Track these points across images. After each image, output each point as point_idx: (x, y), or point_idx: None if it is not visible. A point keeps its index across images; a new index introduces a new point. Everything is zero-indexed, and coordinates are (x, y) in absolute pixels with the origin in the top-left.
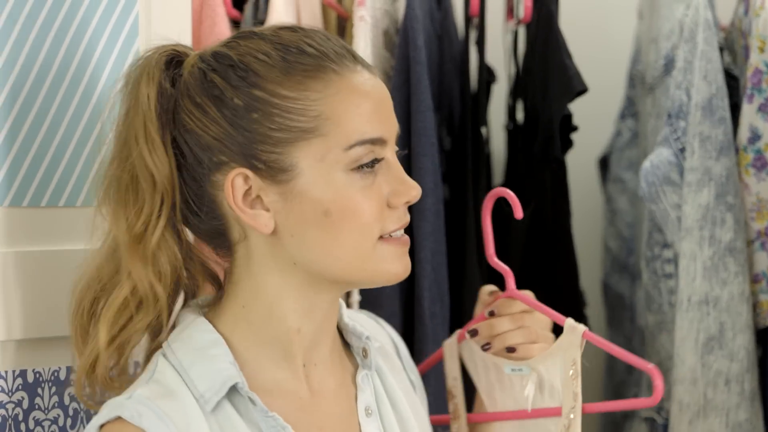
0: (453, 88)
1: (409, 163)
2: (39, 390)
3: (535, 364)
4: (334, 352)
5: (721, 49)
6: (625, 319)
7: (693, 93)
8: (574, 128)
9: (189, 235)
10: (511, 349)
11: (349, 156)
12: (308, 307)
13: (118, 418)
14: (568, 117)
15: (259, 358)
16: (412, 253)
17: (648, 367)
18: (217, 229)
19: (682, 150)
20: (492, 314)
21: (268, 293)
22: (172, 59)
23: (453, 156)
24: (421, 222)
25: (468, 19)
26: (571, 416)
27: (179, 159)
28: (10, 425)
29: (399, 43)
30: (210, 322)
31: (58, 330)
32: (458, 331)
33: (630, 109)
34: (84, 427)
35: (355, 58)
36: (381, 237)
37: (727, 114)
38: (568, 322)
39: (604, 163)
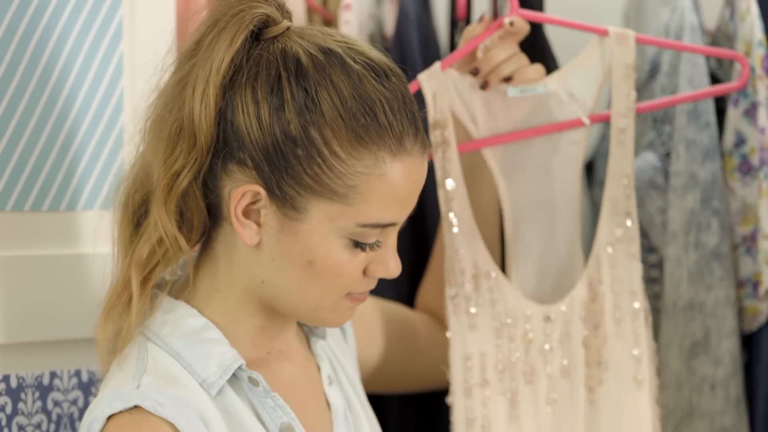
0: None
1: None
2: (22, 395)
3: (551, 80)
4: (293, 330)
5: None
6: None
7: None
8: None
9: None
10: (507, 79)
11: (357, 231)
12: (270, 312)
13: (136, 408)
14: None
15: (234, 343)
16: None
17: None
18: (212, 202)
19: (668, 154)
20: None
21: (238, 288)
22: (262, 27)
23: None
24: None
25: (453, 23)
26: (625, 123)
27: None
28: None
29: (393, 47)
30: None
31: (42, 335)
32: (437, 63)
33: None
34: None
35: (416, 135)
36: (344, 295)
37: (713, 118)
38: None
39: (590, 168)
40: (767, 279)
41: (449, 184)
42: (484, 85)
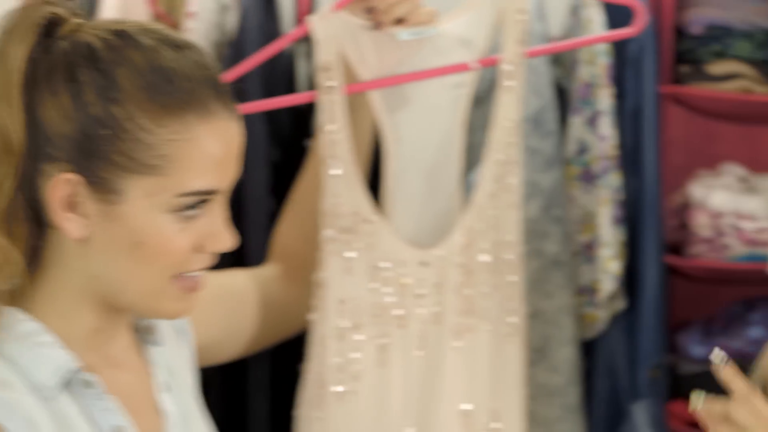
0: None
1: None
2: None
3: (443, 23)
4: (127, 335)
5: (552, 62)
6: None
7: (522, 106)
8: None
9: None
10: (400, 21)
11: (178, 201)
12: (106, 313)
13: None
14: None
15: (69, 346)
16: (242, 265)
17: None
18: (38, 207)
19: None
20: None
21: (71, 290)
22: (52, 23)
23: (281, 168)
24: (251, 234)
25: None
26: (514, 67)
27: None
28: None
29: (231, 54)
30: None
31: None
32: (329, 5)
33: None
34: None
35: (220, 98)
36: (176, 275)
37: (556, 127)
38: None
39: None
40: (606, 287)
41: (332, 127)
42: (377, 26)
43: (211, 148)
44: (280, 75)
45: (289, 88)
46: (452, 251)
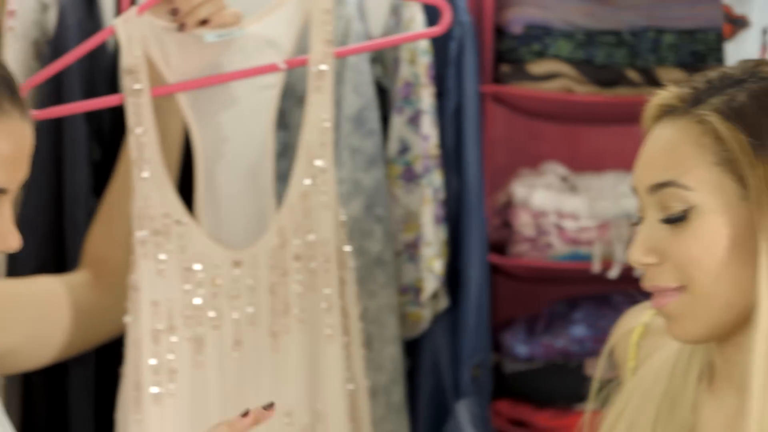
0: None
1: (59, 175)
2: None
3: (250, 24)
4: None
5: (373, 61)
6: None
7: (343, 105)
8: None
9: None
10: (204, 22)
11: None
12: None
13: None
14: None
15: None
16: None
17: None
18: None
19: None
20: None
21: None
22: None
23: (102, 167)
24: (72, 235)
25: None
26: (323, 67)
27: None
28: None
29: (50, 53)
30: None
31: None
32: (133, 8)
33: (281, 121)
34: None
35: (12, 98)
36: None
37: (377, 126)
38: None
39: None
40: (429, 286)
41: (140, 130)
42: (181, 28)
43: (3, 147)
44: (102, 73)
45: (112, 86)
46: (265, 252)
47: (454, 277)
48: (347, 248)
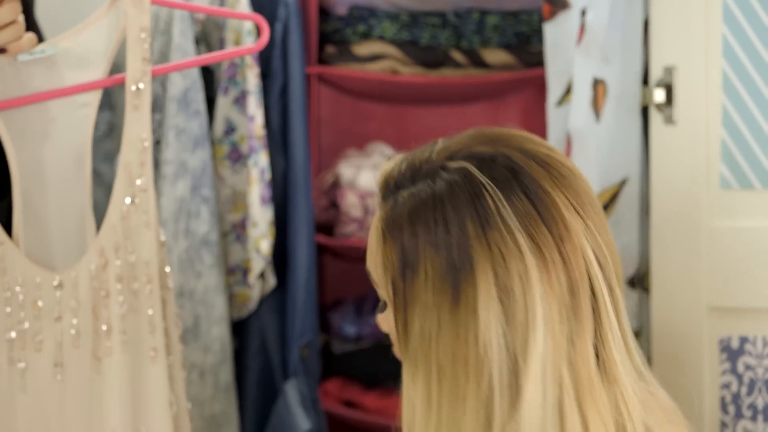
0: None
1: None
2: None
3: (63, 42)
4: None
5: (197, 42)
6: None
7: (168, 86)
8: None
9: None
10: (2, 50)
11: None
12: None
13: None
14: None
15: None
16: None
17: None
18: None
19: (158, 142)
20: None
21: None
22: None
23: None
24: None
25: None
26: (141, 86)
27: None
28: None
29: None
30: None
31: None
32: None
33: (106, 101)
34: None
35: None
36: None
37: (203, 107)
38: None
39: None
40: (257, 266)
41: None
42: None
43: None
44: None
45: None
46: (87, 273)
47: (282, 258)
48: (167, 269)
